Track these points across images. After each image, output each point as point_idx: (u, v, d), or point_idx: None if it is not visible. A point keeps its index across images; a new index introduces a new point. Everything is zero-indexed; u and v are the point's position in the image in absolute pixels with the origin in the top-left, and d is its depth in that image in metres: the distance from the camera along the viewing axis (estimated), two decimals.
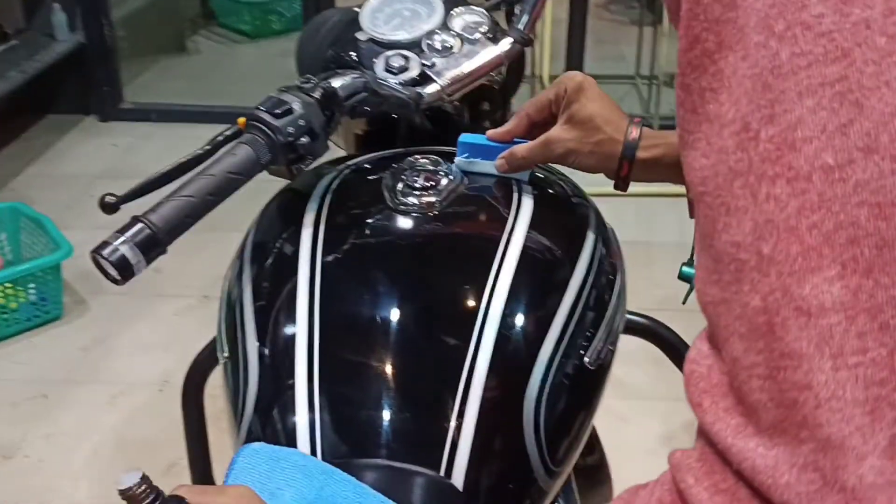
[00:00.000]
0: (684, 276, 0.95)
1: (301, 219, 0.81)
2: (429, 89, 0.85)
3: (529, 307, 0.75)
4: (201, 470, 1.10)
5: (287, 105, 0.77)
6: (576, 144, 0.81)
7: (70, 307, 2.32)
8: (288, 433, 0.69)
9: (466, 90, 0.88)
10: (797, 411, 0.38)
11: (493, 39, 0.89)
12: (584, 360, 0.75)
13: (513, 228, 0.80)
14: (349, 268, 0.79)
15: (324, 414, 0.69)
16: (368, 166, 0.91)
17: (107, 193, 0.77)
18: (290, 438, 0.68)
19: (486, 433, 0.68)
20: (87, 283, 2.36)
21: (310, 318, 0.73)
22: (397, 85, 0.86)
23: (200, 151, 0.80)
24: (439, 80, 0.86)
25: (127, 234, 0.68)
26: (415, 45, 0.89)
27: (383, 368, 0.72)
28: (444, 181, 0.84)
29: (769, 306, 0.39)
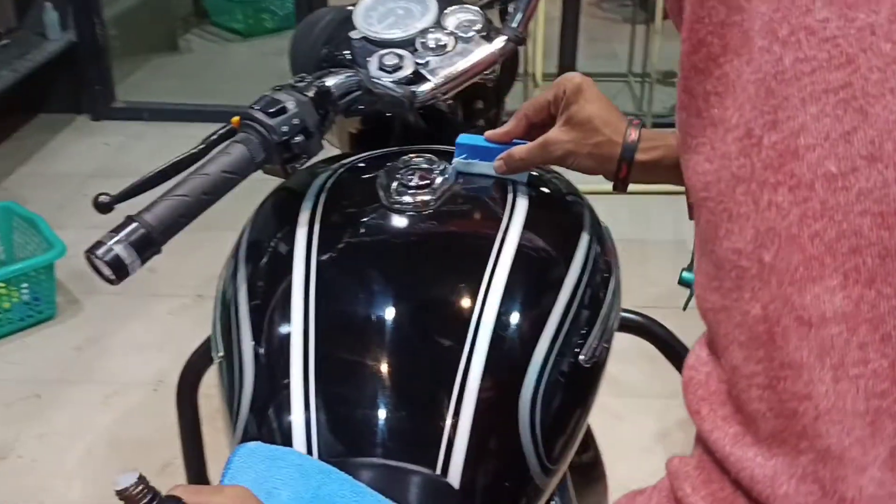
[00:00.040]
0: (684, 281, 0.95)
1: (296, 218, 0.81)
2: (423, 88, 0.85)
3: (524, 305, 0.75)
4: (196, 470, 1.10)
5: (281, 104, 0.77)
6: (574, 146, 0.80)
7: (63, 307, 2.31)
8: (284, 432, 0.69)
9: (460, 88, 0.88)
10: (797, 421, 0.38)
11: (487, 38, 0.89)
12: (579, 358, 0.75)
13: (508, 226, 0.80)
14: (344, 266, 0.79)
15: (320, 413, 0.69)
16: (363, 165, 0.91)
17: (100, 193, 0.77)
18: (286, 438, 0.68)
19: (481, 431, 0.68)
20: (81, 282, 2.35)
21: (305, 317, 0.73)
22: (391, 83, 0.85)
23: (195, 150, 0.80)
24: (433, 79, 0.86)
25: (121, 233, 0.68)
26: (409, 44, 0.89)
27: (379, 367, 0.72)
28: (439, 180, 0.84)
29: (770, 315, 0.39)
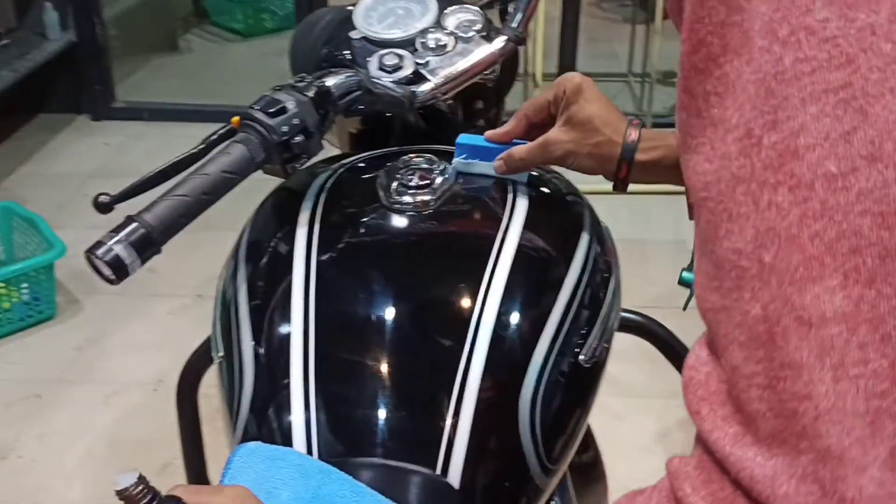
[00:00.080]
0: (684, 281, 0.95)
1: (296, 218, 0.81)
2: (423, 88, 0.85)
3: (524, 305, 0.75)
4: (196, 470, 1.10)
5: (281, 104, 0.77)
6: (574, 146, 0.80)
7: (63, 307, 2.31)
8: (284, 432, 0.69)
9: (460, 88, 0.88)
10: (797, 422, 0.38)
11: (487, 38, 0.89)
12: (579, 358, 0.75)
13: (507, 226, 0.80)
14: (344, 266, 0.79)
15: (320, 413, 0.69)
16: (363, 165, 0.91)
17: (100, 193, 0.77)
18: (286, 438, 0.68)
19: (481, 431, 0.68)
20: (81, 282, 2.35)
21: (305, 317, 0.73)
22: (391, 83, 0.85)
23: (195, 150, 0.80)
24: (433, 79, 0.86)
25: (121, 233, 0.68)
26: (409, 44, 0.89)
27: (379, 367, 0.72)
28: (439, 180, 0.84)
29: (770, 315, 0.39)
